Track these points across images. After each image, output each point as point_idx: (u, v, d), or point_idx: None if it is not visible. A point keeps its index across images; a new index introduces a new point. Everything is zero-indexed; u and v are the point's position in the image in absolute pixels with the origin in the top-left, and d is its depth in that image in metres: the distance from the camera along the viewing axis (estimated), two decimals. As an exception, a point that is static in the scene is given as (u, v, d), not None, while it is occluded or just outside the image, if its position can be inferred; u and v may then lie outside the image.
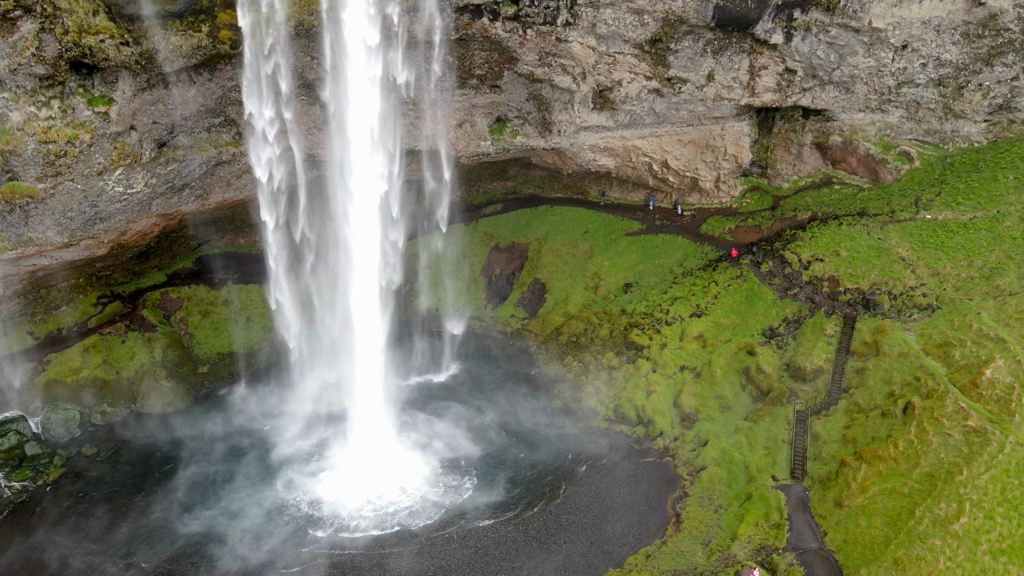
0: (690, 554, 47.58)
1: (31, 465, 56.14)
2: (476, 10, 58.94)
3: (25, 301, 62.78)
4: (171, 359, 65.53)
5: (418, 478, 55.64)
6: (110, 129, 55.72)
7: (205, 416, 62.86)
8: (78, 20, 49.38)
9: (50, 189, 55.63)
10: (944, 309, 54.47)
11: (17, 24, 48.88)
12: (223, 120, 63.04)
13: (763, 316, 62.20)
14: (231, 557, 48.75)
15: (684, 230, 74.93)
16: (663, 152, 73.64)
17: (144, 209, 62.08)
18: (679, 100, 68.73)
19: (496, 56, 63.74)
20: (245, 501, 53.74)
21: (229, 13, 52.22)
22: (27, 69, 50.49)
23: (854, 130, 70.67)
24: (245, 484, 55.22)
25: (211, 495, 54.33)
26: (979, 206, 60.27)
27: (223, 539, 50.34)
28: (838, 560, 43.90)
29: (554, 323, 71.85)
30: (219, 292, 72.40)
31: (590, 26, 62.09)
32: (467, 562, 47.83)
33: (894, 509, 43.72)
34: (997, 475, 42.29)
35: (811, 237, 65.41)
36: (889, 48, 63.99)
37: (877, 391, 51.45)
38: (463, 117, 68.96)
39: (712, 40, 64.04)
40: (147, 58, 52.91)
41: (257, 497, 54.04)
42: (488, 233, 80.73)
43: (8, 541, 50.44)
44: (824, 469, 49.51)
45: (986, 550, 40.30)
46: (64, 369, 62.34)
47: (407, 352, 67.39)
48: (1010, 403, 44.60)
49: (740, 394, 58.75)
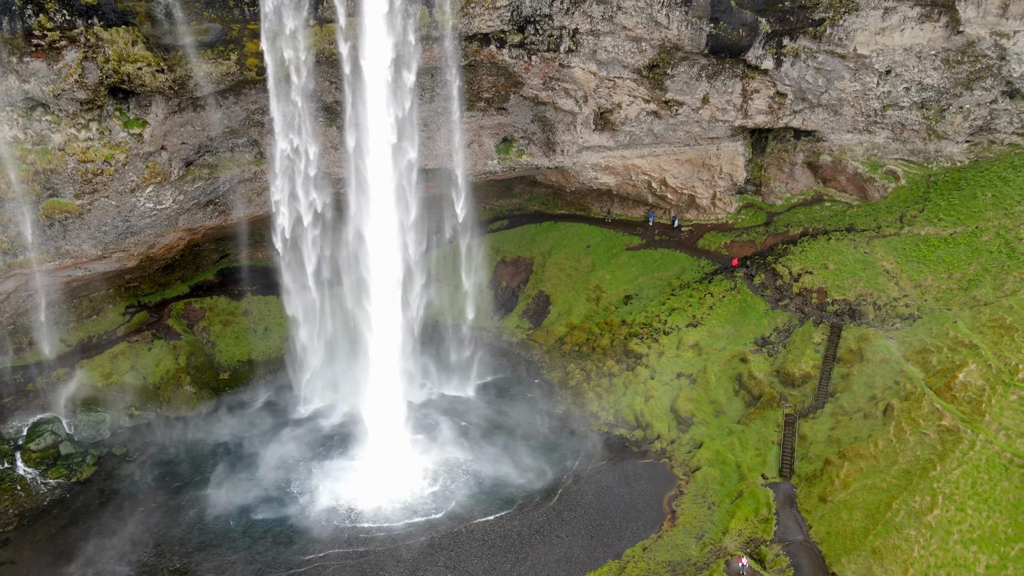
0: (684, 547, 50.79)
1: (65, 464, 59.74)
2: (484, 38, 63.06)
3: (60, 310, 66.60)
4: (194, 366, 69.22)
5: (429, 476, 59.07)
6: (143, 149, 59.87)
7: (227, 419, 66.39)
8: (118, 49, 53.58)
9: (87, 205, 59.69)
10: (924, 318, 57.82)
11: (62, 53, 53.18)
12: (245, 140, 67.11)
13: (755, 326, 65.60)
14: (254, 547, 52.17)
15: (682, 245, 78.47)
16: (661, 171, 77.39)
17: (172, 224, 66.03)
18: (676, 122, 72.56)
19: (503, 80, 67.81)
20: (267, 496, 57.20)
21: (256, 43, 56.38)
22: (70, 94, 54.74)
23: (843, 150, 74.34)
24: (267, 480, 58.69)
25: (234, 491, 57.73)
26: (959, 222, 63.75)
27: (246, 531, 53.80)
28: (821, 551, 47.07)
29: (557, 333, 75.31)
30: (239, 303, 76.18)
31: (591, 53, 66.14)
32: (475, 553, 51.17)
33: (873, 503, 46.93)
34: (968, 470, 45.48)
35: (801, 251, 68.91)
36: (874, 73, 67.80)
37: (860, 395, 54.75)
38: (471, 137, 72.92)
39: (706, 66, 67.96)
40: (180, 84, 57.11)
41: (278, 492, 57.49)
42: (495, 247, 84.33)
43: (44, 534, 53.91)
44: (810, 467, 52.76)
45: (957, 540, 43.41)
46: (95, 374, 66.06)
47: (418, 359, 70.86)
48: (981, 404, 47.87)
49: (733, 399, 62.06)
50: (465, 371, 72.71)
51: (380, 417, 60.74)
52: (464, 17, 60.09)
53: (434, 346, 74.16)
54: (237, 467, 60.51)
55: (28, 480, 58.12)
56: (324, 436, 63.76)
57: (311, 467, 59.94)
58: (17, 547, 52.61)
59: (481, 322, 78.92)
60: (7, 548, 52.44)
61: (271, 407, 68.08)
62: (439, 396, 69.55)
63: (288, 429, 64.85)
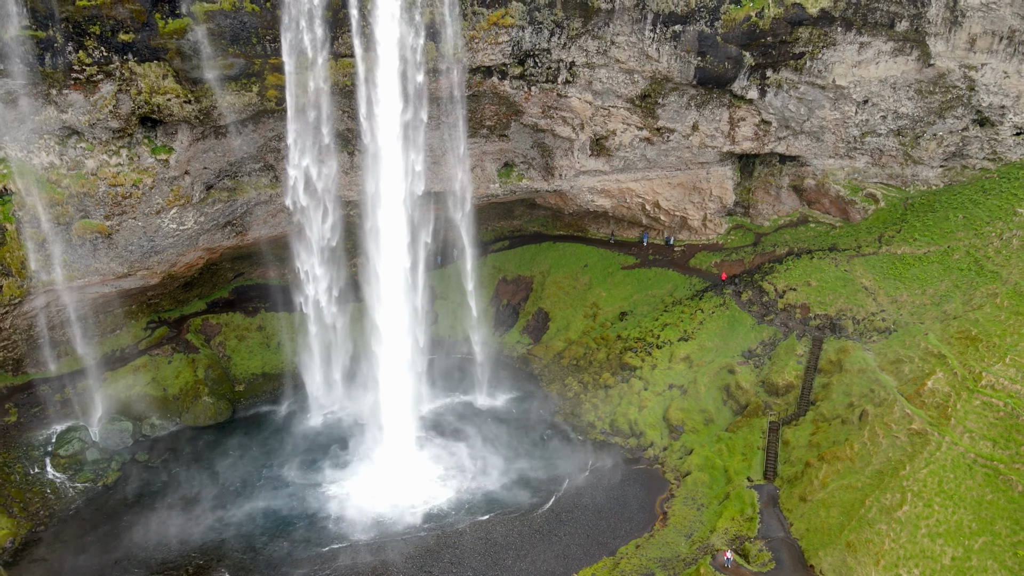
0: (674, 544, 54.35)
1: (92, 469, 63.34)
2: (487, 71, 67.67)
3: (85, 325, 70.44)
4: (212, 378, 73.01)
5: (435, 480, 62.76)
6: (168, 174, 64.17)
7: (242, 427, 70.17)
8: (150, 82, 58.08)
9: (116, 226, 63.90)
10: (899, 332, 61.74)
11: (98, 86, 57.69)
12: (262, 165, 71.47)
13: (743, 339, 69.53)
14: (270, 545, 55.71)
15: (674, 264, 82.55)
16: (654, 194, 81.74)
17: (192, 243, 70.14)
18: (668, 147, 76.98)
19: (504, 109, 72.37)
20: (281, 499, 60.81)
21: (276, 76, 60.85)
22: (104, 123, 59.18)
23: (826, 174, 78.67)
24: (281, 485, 62.37)
25: (250, 495, 61.38)
26: (932, 242, 67.89)
27: (264, 531, 57.36)
28: (800, 546, 50.64)
29: (556, 348, 79.18)
30: (253, 319, 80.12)
31: (587, 84, 70.72)
32: (478, 550, 54.71)
33: (848, 501, 50.56)
34: (935, 470, 49.15)
35: (786, 269, 73.01)
36: (852, 103, 72.30)
37: (839, 402, 58.55)
38: (474, 162, 77.36)
39: (695, 95, 72.50)
40: (205, 114, 61.53)
41: (292, 496, 61.10)
42: (496, 267, 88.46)
43: (73, 533, 57.43)
44: (792, 470, 56.42)
45: (925, 533, 46.99)
46: (119, 386, 69.81)
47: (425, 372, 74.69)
48: (947, 409, 51.64)
49: (722, 408, 65.82)
50: (470, 383, 76.50)
51: (390, 424, 64.48)
52: (469, 51, 64.67)
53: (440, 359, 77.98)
54: (253, 472, 64.11)
55: (57, 484, 61.68)
56: (337, 442, 67.45)
57: (325, 471, 63.68)
58: (48, 545, 56.15)
59: (484, 337, 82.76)
60: (39, 546, 55.98)
61: (285, 415, 71.82)
62: (445, 405, 73.36)
63: (302, 435, 68.59)
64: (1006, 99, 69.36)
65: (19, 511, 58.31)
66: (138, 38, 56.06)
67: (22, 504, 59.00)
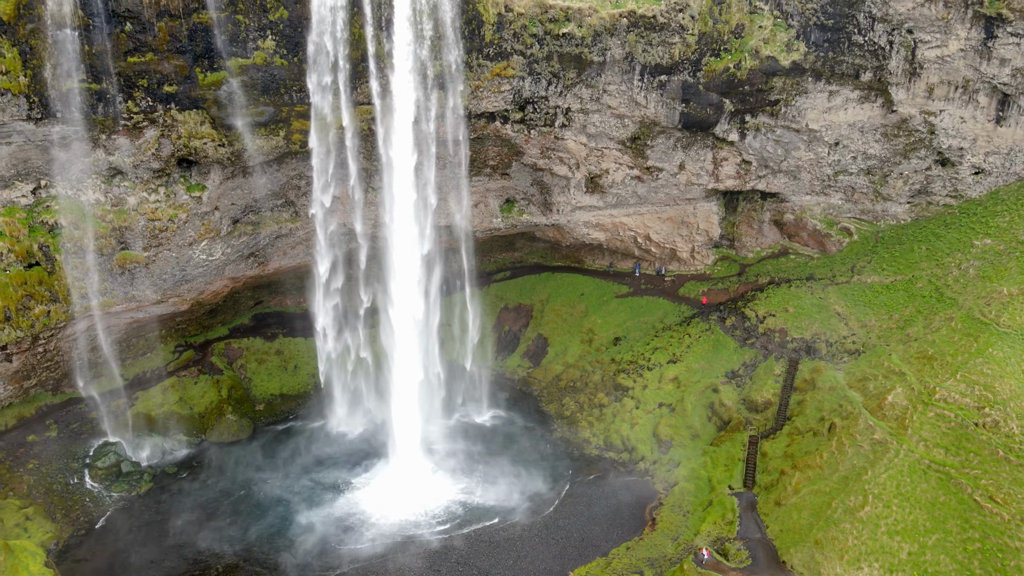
0: (662, 546, 59.64)
1: (126, 480, 68.79)
2: (490, 116, 74.44)
3: (119, 348, 76.37)
4: (235, 398, 78.75)
5: (441, 491, 68.19)
6: (201, 210, 70.55)
7: (262, 443, 75.75)
8: (189, 128, 64.72)
9: (152, 256, 70.08)
10: (867, 353, 67.59)
11: (143, 131, 64.32)
12: (284, 201, 77.87)
13: (726, 361, 75.34)
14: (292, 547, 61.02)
15: (665, 292, 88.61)
16: (646, 227, 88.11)
17: (219, 273, 76.27)
18: (657, 185, 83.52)
19: (506, 150, 79.10)
20: (301, 509, 66.09)
21: (301, 121, 67.55)
22: (146, 165, 65.74)
23: (803, 210, 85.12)
24: (304, 492, 67.83)
25: (272, 505, 66.73)
26: (899, 271, 74.03)
27: (288, 534, 62.66)
28: (775, 545, 55.91)
29: (554, 371, 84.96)
30: (272, 344, 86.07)
31: (582, 127, 77.50)
32: (481, 551, 60.04)
33: (817, 504, 55.96)
34: (893, 474, 54.65)
35: (767, 297, 79.07)
36: (824, 144, 79.02)
37: (812, 417, 64.18)
38: (478, 199, 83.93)
39: (681, 138, 79.24)
40: (236, 156, 68.10)
41: (311, 505, 66.44)
42: (498, 295, 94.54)
43: (111, 537, 62.79)
44: (769, 478, 61.86)
45: (884, 531, 52.33)
46: (149, 404, 75.53)
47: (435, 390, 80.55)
48: (905, 420, 57.29)
49: (707, 424, 71.35)
50: (476, 403, 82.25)
51: (402, 439, 70.11)
52: (474, 99, 71.48)
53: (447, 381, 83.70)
54: (276, 483, 69.51)
55: (95, 493, 67.11)
56: (354, 455, 73.10)
57: (343, 481, 69.17)
58: (89, 547, 61.55)
59: (486, 362, 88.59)
60: (81, 548, 61.39)
61: (304, 432, 77.44)
62: (453, 422, 79.06)
63: (319, 451, 74.11)
64: (964, 141, 75.99)
65: (61, 517, 63.73)
66: (180, 89, 62.78)
67: (64, 511, 64.40)
